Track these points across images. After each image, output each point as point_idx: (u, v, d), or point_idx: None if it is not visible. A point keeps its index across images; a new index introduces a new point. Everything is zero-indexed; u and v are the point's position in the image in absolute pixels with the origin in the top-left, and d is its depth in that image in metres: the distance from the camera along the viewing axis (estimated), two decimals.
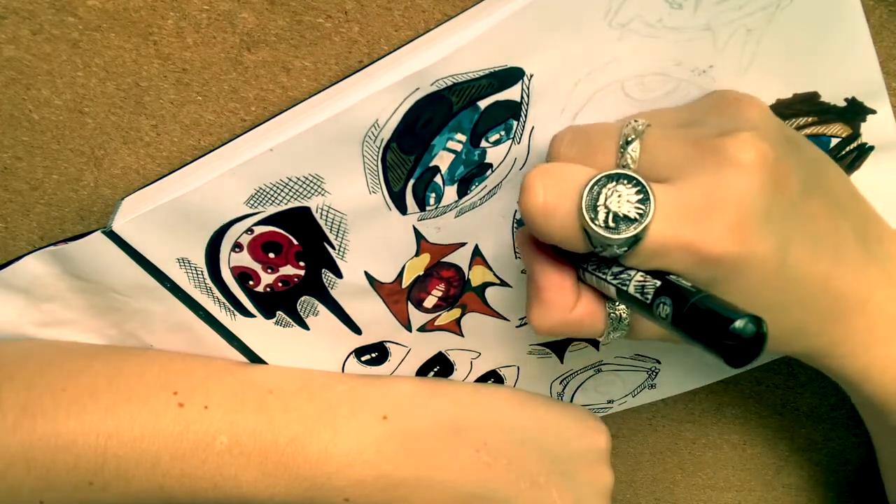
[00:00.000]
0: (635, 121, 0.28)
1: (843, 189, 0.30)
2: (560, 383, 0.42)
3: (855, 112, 0.32)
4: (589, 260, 0.28)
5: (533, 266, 0.29)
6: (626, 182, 0.25)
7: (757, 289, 0.26)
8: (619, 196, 0.25)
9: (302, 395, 0.38)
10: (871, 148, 0.33)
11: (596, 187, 0.25)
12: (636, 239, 0.25)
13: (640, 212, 0.25)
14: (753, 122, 0.26)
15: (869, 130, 0.33)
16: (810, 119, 0.32)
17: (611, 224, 0.25)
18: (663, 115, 0.29)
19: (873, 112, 0.32)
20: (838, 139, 0.33)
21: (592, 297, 0.29)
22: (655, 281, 0.25)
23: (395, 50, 0.30)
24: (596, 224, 0.25)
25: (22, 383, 0.33)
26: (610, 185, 0.25)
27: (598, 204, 0.25)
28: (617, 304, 0.29)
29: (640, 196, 0.25)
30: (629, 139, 0.27)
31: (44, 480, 0.32)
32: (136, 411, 0.34)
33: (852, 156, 0.33)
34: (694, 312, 0.23)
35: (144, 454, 0.34)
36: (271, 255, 0.33)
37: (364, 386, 0.39)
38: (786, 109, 0.31)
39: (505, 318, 0.37)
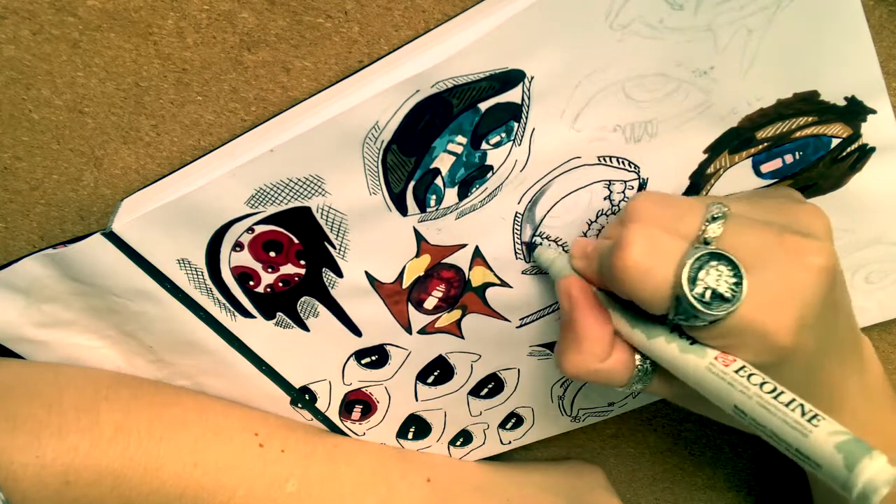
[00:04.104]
0: (720, 203, 0.29)
1: (849, 301, 0.33)
2: (560, 386, 0.42)
3: (855, 111, 0.32)
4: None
5: (575, 314, 0.31)
6: (725, 263, 0.27)
7: (789, 375, 0.28)
8: (719, 275, 0.27)
9: (362, 451, 0.42)
10: (873, 149, 0.33)
11: (697, 262, 0.27)
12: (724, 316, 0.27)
13: (734, 293, 0.27)
14: (824, 232, 0.30)
15: (870, 131, 0.33)
16: (810, 119, 0.32)
17: (706, 300, 0.27)
18: (737, 204, 0.30)
19: (874, 112, 0.32)
20: (839, 139, 0.33)
21: (624, 348, 0.31)
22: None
23: (395, 50, 0.30)
24: (693, 296, 0.27)
25: (118, 405, 0.34)
26: (712, 263, 0.27)
27: (697, 278, 0.27)
28: (646, 358, 0.31)
29: (735, 279, 0.27)
30: (715, 216, 0.29)
31: (125, 499, 0.33)
32: (222, 445, 0.36)
33: (853, 157, 0.33)
34: None
35: (223, 487, 0.36)
36: (272, 254, 0.33)
37: (408, 452, 0.44)
38: (786, 109, 0.31)
39: (506, 319, 0.37)
